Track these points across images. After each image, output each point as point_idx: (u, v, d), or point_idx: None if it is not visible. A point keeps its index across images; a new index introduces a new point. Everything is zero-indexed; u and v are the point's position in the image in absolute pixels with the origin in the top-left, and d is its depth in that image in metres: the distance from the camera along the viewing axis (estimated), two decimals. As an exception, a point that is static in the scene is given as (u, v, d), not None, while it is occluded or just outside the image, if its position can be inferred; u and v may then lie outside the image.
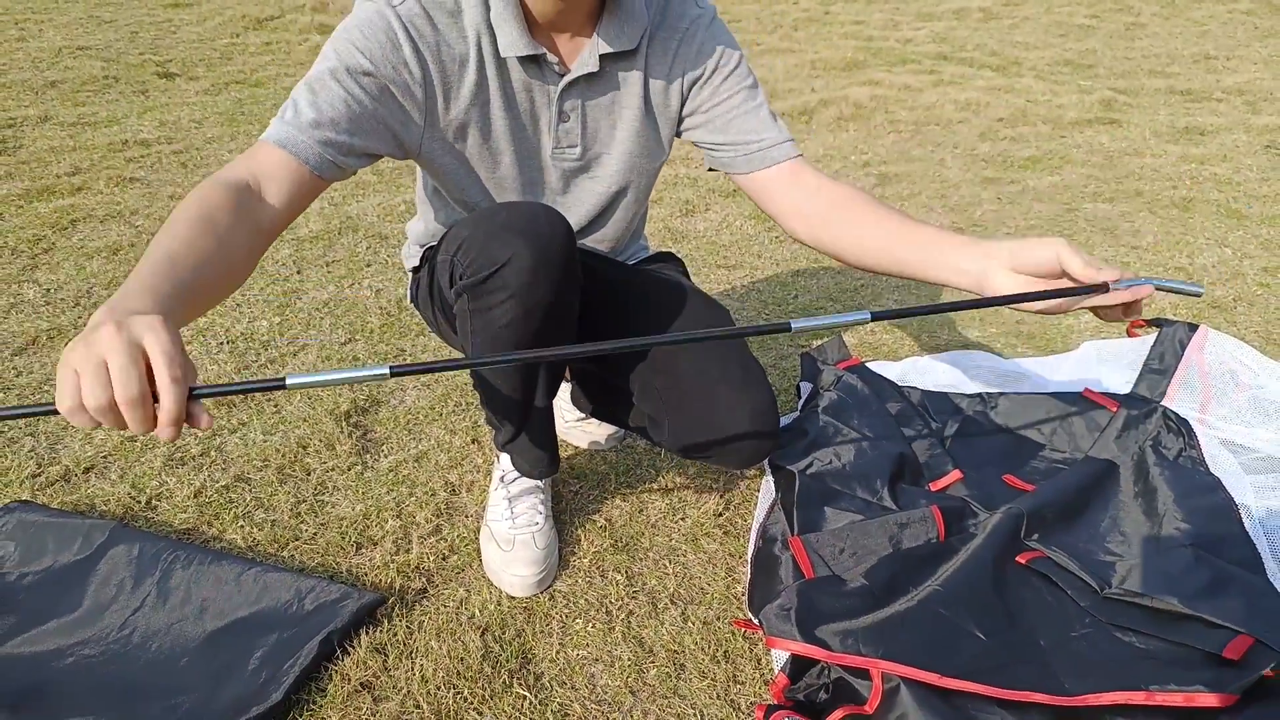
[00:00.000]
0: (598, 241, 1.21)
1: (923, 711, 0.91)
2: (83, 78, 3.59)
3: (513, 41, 0.98)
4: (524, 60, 1.01)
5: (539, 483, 1.22)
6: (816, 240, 1.10)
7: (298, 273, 2.06)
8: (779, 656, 1.02)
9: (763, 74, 4.23)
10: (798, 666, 1.01)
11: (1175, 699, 0.91)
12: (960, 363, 1.69)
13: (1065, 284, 0.93)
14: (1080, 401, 1.48)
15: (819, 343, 1.67)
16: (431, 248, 1.21)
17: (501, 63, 1.01)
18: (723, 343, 1.12)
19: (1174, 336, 1.65)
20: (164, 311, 0.67)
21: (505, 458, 1.22)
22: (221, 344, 1.75)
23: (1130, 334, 1.77)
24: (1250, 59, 4.67)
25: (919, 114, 3.58)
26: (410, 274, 1.29)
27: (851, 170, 2.95)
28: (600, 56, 1.02)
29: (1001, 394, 1.53)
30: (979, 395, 1.54)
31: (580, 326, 1.12)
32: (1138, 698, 0.92)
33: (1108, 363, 1.68)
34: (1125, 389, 1.59)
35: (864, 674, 0.96)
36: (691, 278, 1.36)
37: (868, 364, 1.64)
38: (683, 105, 1.11)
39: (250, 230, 0.84)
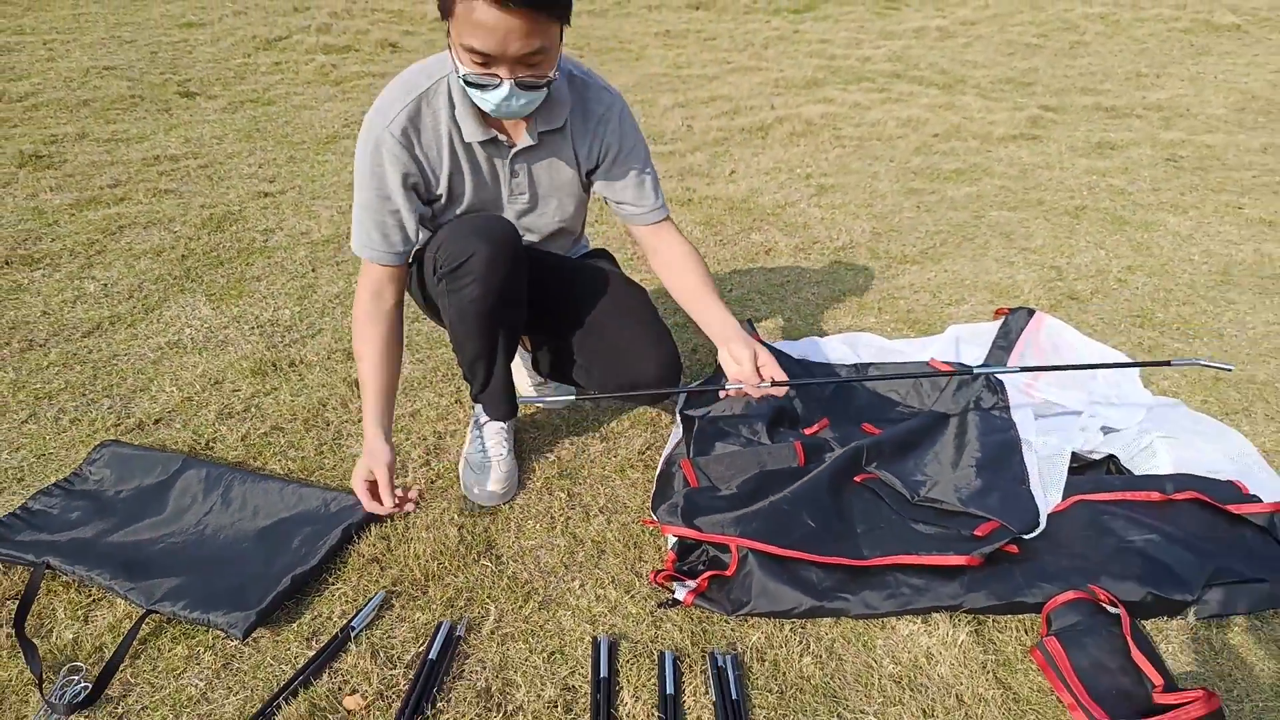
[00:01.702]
0: (543, 244, 1.62)
1: (762, 571, 1.33)
2: (111, 97, 4.00)
3: (472, 131, 1.38)
4: (483, 142, 1.41)
5: (503, 424, 1.62)
6: (656, 274, 1.58)
7: (313, 270, 2.46)
8: (670, 541, 1.43)
9: (729, 91, 4.64)
10: (683, 548, 1.42)
11: (933, 560, 1.33)
12: (850, 341, 2.11)
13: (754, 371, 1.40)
14: (928, 370, 1.89)
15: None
16: (419, 250, 1.62)
17: (467, 145, 1.41)
18: (639, 312, 1.55)
19: (1017, 320, 2.06)
20: (387, 436, 1.39)
21: (478, 407, 1.63)
22: (253, 328, 2.15)
23: (995, 316, 2.20)
24: (1179, 76, 5.10)
25: (864, 130, 3.99)
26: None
27: (795, 182, 3.36)
28: (538, 133, 1.43)
29: (871, 364, 1.95)
30: (855, 365, 1.95)
31: (534, 302, 1.53)
32: (907, 559, 1.33)
33: (967, 342, 2.10)
34: (981, 360, 2.00)
35: (726, 549, 1.37)
36: (623, 267, 1.77)
37: (776, 343, 2.06)
38: (594, 168, 1.52)
39: (394, 324, 1.45)
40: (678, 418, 1.73)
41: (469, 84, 1.24)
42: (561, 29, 1.24)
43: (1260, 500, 1.47)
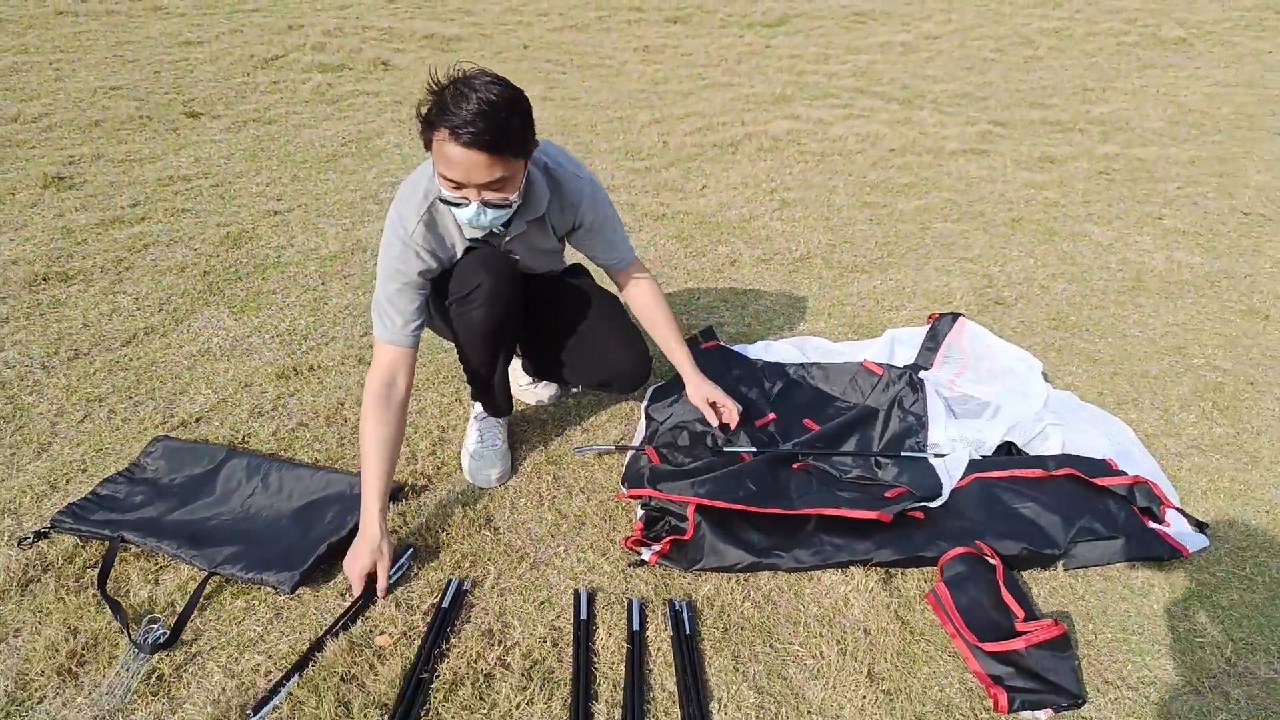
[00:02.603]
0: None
1: (713, 534, 1.63)
2: (121, 117, 4.24)
3: (472, 231, 1.65)
4: (483, 235, 1.69)
5: (499, 420, 1.92)
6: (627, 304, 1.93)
7: (323, 284, 2.74)
8: (639, 512, 1.73)
9: (702, 108, 4.94)
10: (649, 519, 1.72)
11: (852, 513, 1.63)
12: (799, 344, 2.42)
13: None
14: (861, 369, 2.20)
15: (695, 331, 2.39)
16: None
17: (469, 242, 1.69)
18: (612, 317, 1.88)
19: (944, 325, 2.38)
20: (384, 527, 1.54)
21: (478, 405, 1.92)
22: (272, 337, 2.43)
23: (927, 321, 2.51)
24: (1123, 90, 5.45)
25: (825, 145, 4.31)
26: None
27: (761, 197, 3.66)
28: (525, 222, 1.71)
29: (816, 364, 2.25)
30: (802, 365, 2.26)
31: (524, 315, 1.83)
32: (830, 511, 1.63)
33: (901, 343, 2.41)
34: (910, 360, 2.31)
35: (684, 518, 1.67)
36: (594, 278, 2.08)
37: (735, 346, 2.37)
38: (570, 232, 1.83)
39: (401, 421, 1.64)
40: (643, 415, 2.03)
41: (444, 202, 1.53)
42: (526, 160, 1.53)
43: (1125, 474, 1.79)
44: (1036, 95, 5.33)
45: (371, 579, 1.53)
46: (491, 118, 1.39)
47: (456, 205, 1.51)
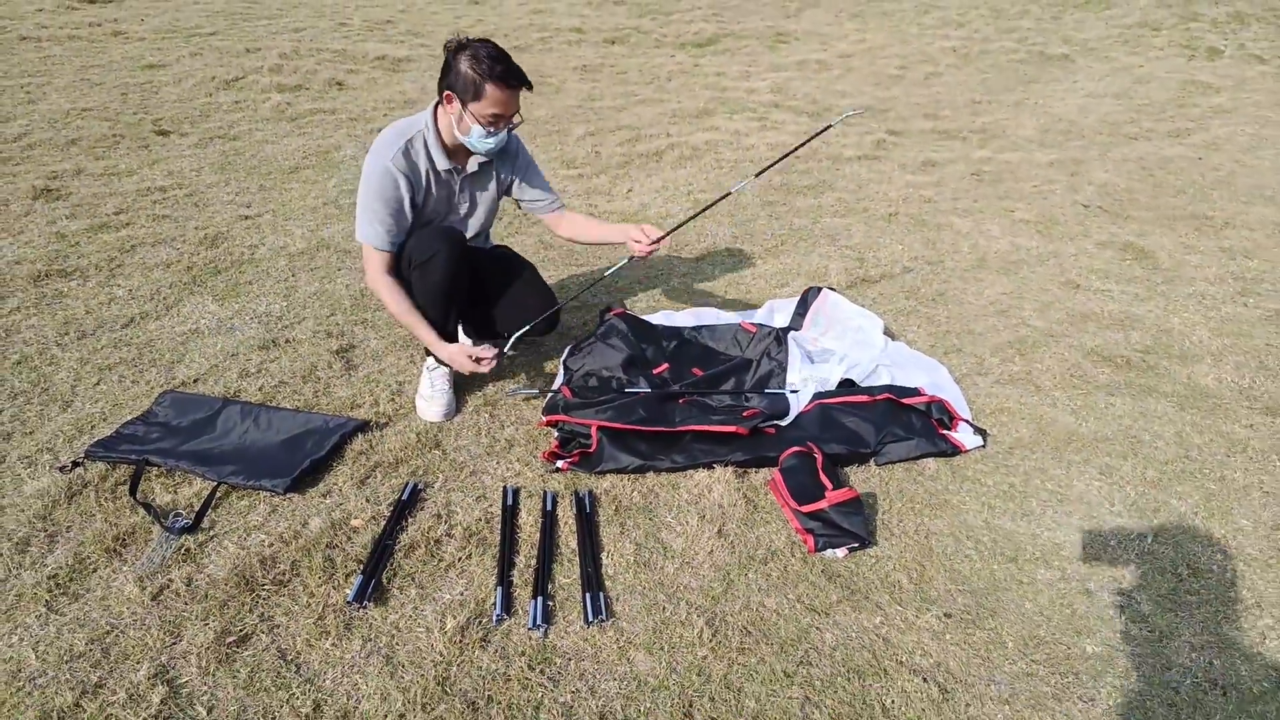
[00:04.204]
0: (474, 242, 2.43)
1: (610, 446, 2.13)
2: (95, 136, 4.62)
3: (441, 162, 2.19)
4: (447, 169, 2.21)
5: (448, 370, 2.40)
6: (569, 236, 2.46)
7: (293, 275, 3.19)
8: (555, 434, 2.23)
9: (633, 121, 5.49)
10: (563, 441, 2.22)
11: (719, 428, 2.15)
12: (696, 314, 2.95)
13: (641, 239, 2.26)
14: (740, 329, 2.74)
15: (608, 302, 2.90)
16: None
17: (437, 172, 2.21)
18: (528, 275, 2.44)
19: (811, 295, 2.92)
20: (449, 339, 2.30)
21: (430, 358, 2.40)
22: (252, 318, 2.87)
23: (804, 294, 3.02)
24: (1006, 103, 6.15)
25: (739, 154, 4.88)
26: None
27: (678, 198, 4.20)
28: (479, 164, 2.24)
29: (706, 326, 2.78)
30: (695, 327, 2.78)
31: (471, 281, 2.33)
32: (701, 428, 2.15)
33: (778, 310, 2.95)
34: (785, 323, 2.85)
35: (588, 436, 2.18)
36: (542, 267, 2.58)
37: (644, 315, 2.88)
38: (510, 184, 2.36)
39: (404, 287, 2.23)
40: (561, 366, 2.53)
41: (482, 136, 2.10)
42: None
43: (925, 395, 2.34)
44: (931, 108, 5.99)
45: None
46: (518, 65, 2.06)
47: (492, 137, 2.11)
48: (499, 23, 8.69)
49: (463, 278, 2.27)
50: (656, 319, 2.89)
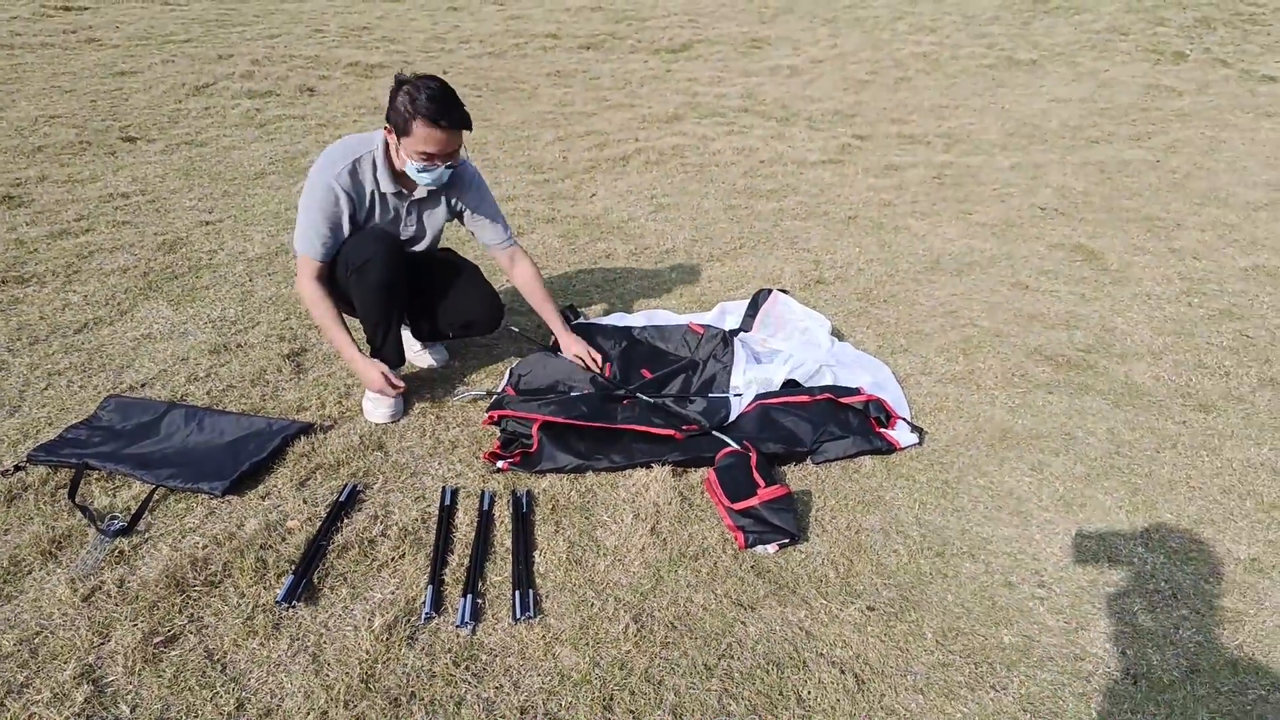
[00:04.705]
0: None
1: (550, 445, 2.16)
2: (62, 143, 4.63)
3: (387, 185, 2.23)
4: (393, 193, 2.25)
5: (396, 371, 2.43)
6: (516, 284, 2.52)
7: (250, 280, 3.21)
8: (498, 433, 2.25)
9: (602, 127, 5.53)
10: (506, 441, 2.25)
11: (659, 430, 2.19)
12: (649, 315, 2.98)
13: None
14: (689, 330, 2.77)
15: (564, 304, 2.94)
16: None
17: (383, 194, 2.25)
18: (469, 275, 2.45)
19: (761, 297, 2.96)
20: (362, 352, 2.28)
21: (376, 360, 2.43)
22: (205, 323, 2.89)
23: (754, 296, 3.06)
24: (972, 107, 6.22)
25: (705, 158, 4.93)
26: None
27: (641, 202, 4.24)
28: (427, 190, 2.27)
29: (656, 326, 2.82)
30: (644, 328, 2.82)
31: (410, 286, 2.36)
32: (641, 428, 2.18)
33: (729, 312, 2.99)
34: (736, 325, 2.89)
35: (529, 436, 2.21)
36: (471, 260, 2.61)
37: (596, 319, 2.92)
38: (461, 212, 2.40)
39: (331, 295, 2.25)
40: (509, 373, 2.56)
41: (420, 172, 2.13)
42: None
43: (863, 394, 2.38)
44: (899, 112, 6.06)
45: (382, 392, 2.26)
46: (457, 106, 2.06)
47: (426, 173, 2.13)
48: (475, 29, 8.74)
49: (401, 279, 2.29)
50: (610, 320, 2.92)
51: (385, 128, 2.16)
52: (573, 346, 2.53)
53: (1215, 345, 2.94)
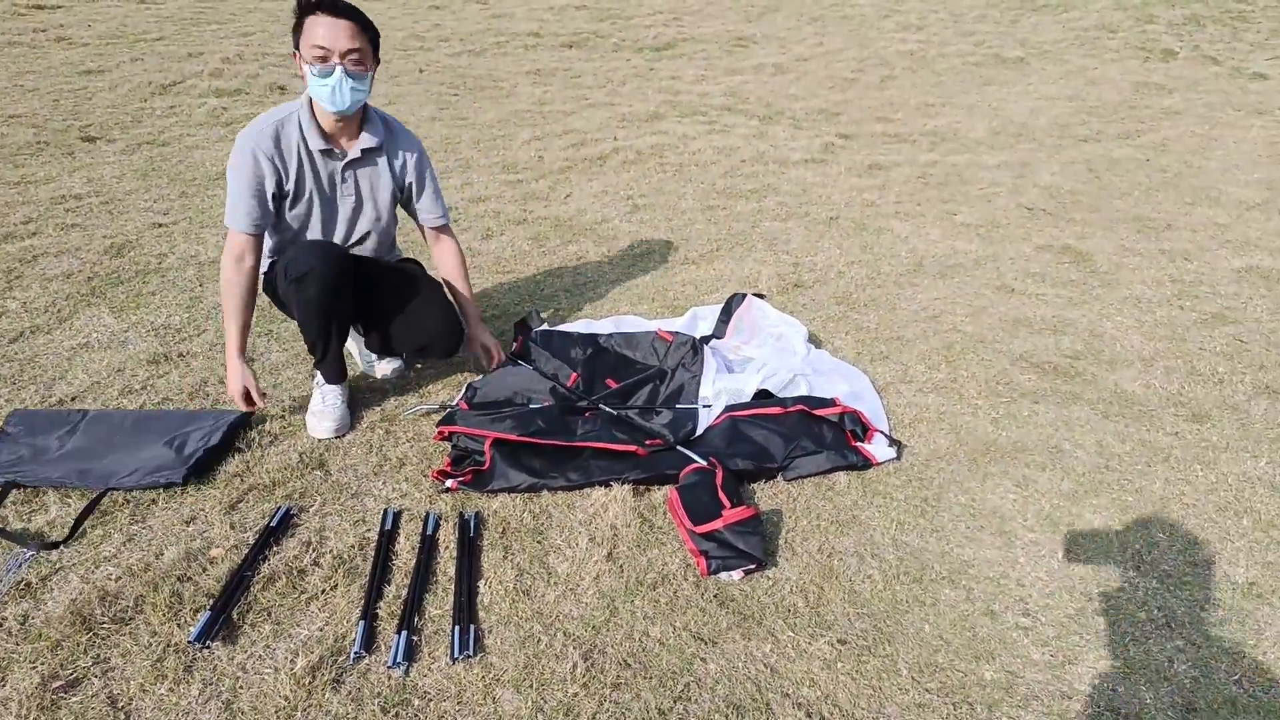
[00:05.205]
0: (368, 249, 2.31)
1: (503, 462, 2.02)
2: (19, 143, 4.45)
3: (316, 142, 2.08)
4: (323, 151, 2.09)
5: (337, 385, 2.27)
6: (433, 258, 2.38)
7: (200, 285, 3.05)
8: (449, 450, 2.11)
9: (581, 126, 5.39)
10: (458, 458, 2.10)
11: (619, 447, 2.04)
12: (617, 321, 2.84)
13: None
14: (657, 337, 2.63)
15: (530, 310, 2.79)
16: (273, 261, 2.27)
17: (311, 153, 2.09)
18: (431, 296, 2.28)
19: (735, 302, 2.82)
20: (244, 358, 2.15)
21: (319, 374, 2.27)
22: (148, 331, 2.73)
23: (728, 301, 2.92)
24: (960, 105, 6.11)
25: (685, 157, 4.79)
26: (263, 274, 2.32)
27: (617, 203, 4.10)
28: (361, 149, 2.12)
29: (621, 333, 2.67)
30: (610, 335, 2.67)
31: (362, 297, 2.21)
32: (602, 445, 2.04)
33: (701, 318, 2.85)
34: (709, 331, 2.75)
35: (482, 452, 2.06)
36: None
37: (558, 325, 2.77)
38: (402, 187, 2.24)
39: (253, 282, 2.13)
40: (465, 388, 2.41)
41: (315, 77, 1.98)
42: (375, 55, 2.06)
43: (838, 406, 2.25)
44: (884, 111, 5.94)
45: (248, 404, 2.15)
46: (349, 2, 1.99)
47: (325, 75, 1.97)
48: (456, 27, 8.58)
49: (344, 295, 2.15)
50: (575, 327, 2.78)
51: (294, 55, 2.06)
52: (479, 338, 2.43)
53: (1208, 351, 2.81)
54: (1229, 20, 9.20)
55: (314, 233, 2.23)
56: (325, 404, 2.23)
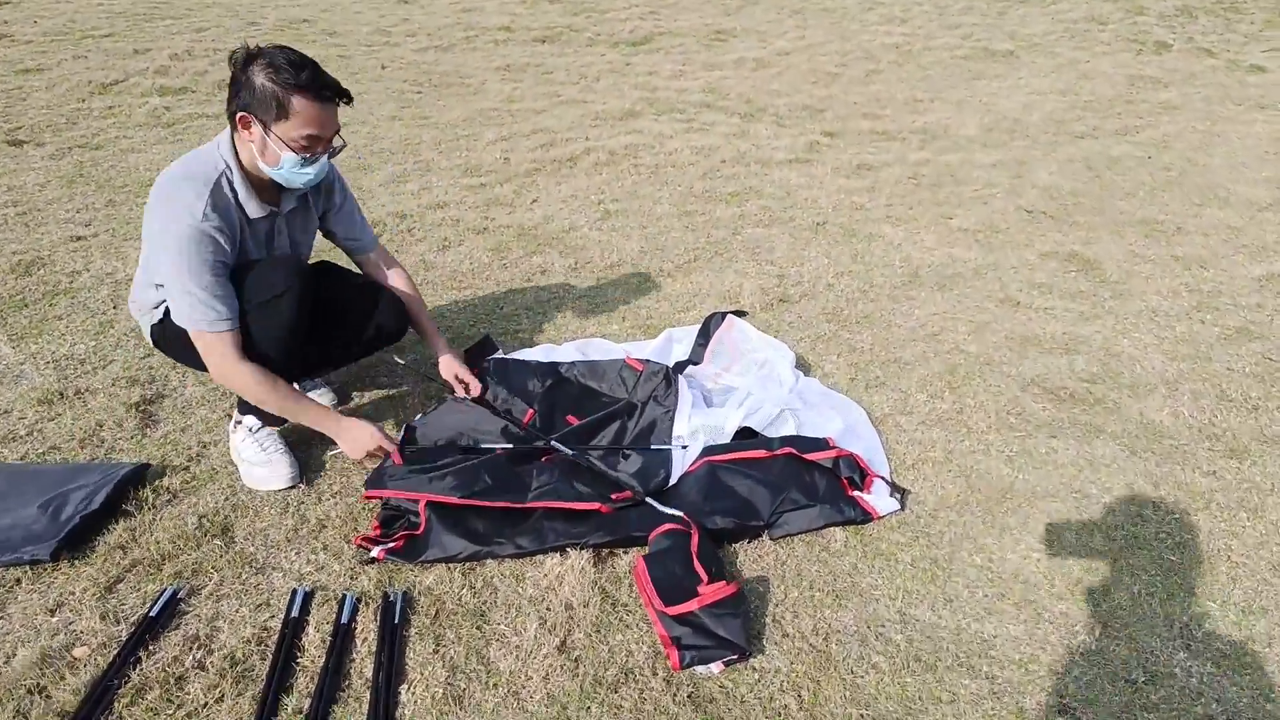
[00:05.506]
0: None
1: (440, 525, 1.70)
2: (-68, 147, 4.07)
3: (255, 210, 1.78)
4: (262, 217, 1.81)
5: (275, 429, 1.95)
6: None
7: (114, 307, 2.71)
8: (380, 512, 1.79)
9: (551, 124, 5.06)
10: (388, 518, 1.78)
11: (579, 506, 1.73)
12: (582, 346, 2.53)
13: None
14: (625, 365, 2.32)
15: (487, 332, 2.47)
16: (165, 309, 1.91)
17: (250, 221, 1.79)
18: (360, 284, 2.06)
19: (714, 322, 2.52)
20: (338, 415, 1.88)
21: (249, 418, 1.94)
22: (47, 363, 2.39)
23: (705, 322, 2.62)
24: (948, 100, 5.83)
25: (660, 158, 4.48)
26: (152, 326, 1.97)
27: (587, 209, 3.78)
28: (296, 199, 1.87)
29: (585, 361, 2.36)
30: (573, 363, 2.36)
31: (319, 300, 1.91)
32: (556, 504, 1.73)
33: (677, 340, 2.54)
34: (685, 356, 2.44)
35: (417, 514, 1.74)
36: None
37: (519, 352, 2.46)
38: (323, 216, 1.99)
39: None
40: (405, 427, 2.09)
41: (294, 166, 1.69)
42: None
43: (832, 449, 1.95)
44: (870, 107, 5.65)
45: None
46: (325, 72, 1.68)
47: (307, 163, 1.70)
48: (425, 22, 8.21)
49: (308, 308, 1.86)
50: (534, 353, 2.47)
51: (240, 120, 1.67)
52: (451, 366, 2.15)
53: (1236, 371, 2.54)
54: (1221, 11, 9.00)
55: None
56: (267, 450, 1.91)
